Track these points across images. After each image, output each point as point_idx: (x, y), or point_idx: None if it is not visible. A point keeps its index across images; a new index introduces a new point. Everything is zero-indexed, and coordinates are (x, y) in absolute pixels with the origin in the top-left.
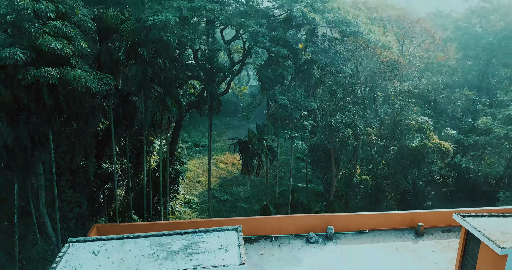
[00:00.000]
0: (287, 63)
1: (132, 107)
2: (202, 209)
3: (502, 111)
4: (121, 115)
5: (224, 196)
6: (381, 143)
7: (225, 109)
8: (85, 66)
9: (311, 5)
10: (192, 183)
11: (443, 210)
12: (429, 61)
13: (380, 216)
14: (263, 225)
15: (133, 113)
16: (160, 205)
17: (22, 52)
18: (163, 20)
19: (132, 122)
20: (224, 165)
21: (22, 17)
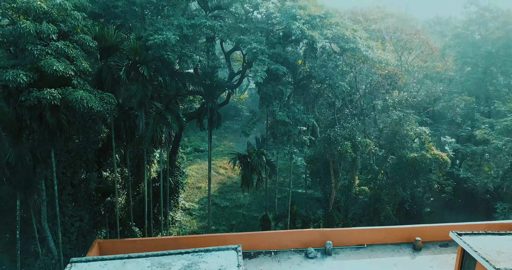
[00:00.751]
0: (286, 79)
1: (132, 121)
2: (202, 216)
3: (500, 121)
4: (122, 128)
5: (223, 203)
6: (380, 153)
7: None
8: (86, 85)
9: (310, 22)
10: (192, 190)
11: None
12: (427, 71)
13: (378, 230)
14: (263, 240)
15: (133, 127)
16: (160, 215)
17: (25, 74)
18: (164, 40)
19: (132, 135)
20: (223, 171)
21: (25, 39)
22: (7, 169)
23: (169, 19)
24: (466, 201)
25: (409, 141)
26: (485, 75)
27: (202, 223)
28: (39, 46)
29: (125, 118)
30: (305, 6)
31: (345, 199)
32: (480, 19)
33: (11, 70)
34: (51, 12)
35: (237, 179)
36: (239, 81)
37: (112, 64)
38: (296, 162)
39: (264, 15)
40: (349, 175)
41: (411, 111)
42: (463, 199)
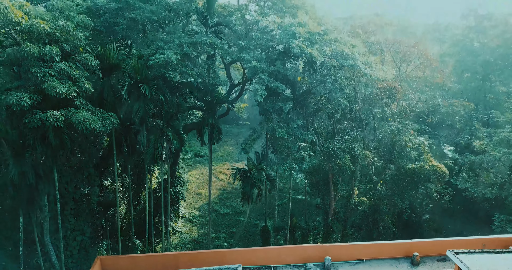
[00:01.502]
0: (285, 95)
1: (134, 136)
2: (202, 223)
3: (498, 132)
4: (123, 143)
5: (224, 210)
6: (379, 164)
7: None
8: (88, 105)
9: (309, 39)
10: (192, 196)
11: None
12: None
13: (376, 245)
14: (262, 256)
15: (134, 141)
16: (161, 225)
17: (29, 97)
18: (165, 59)
19: (133, 149)
20: (224, 176)
21: (28, 61)
22: (10, 186)
23: (170, 36)
24: (464, 208)
25: (407, 151)
26: (484, 83)
27: (202, 230)
28: (43, 68)
29: (126, 133)
30: (305, 23)
31: (344, 210)
32: (479, 27)
33: (15, 92)
34: (54, 32)
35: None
36: (239, 94)
37: (114, 82)
38: (296, 179)
39: (263, 32)
40: (348, 186)
41: (409, 122)
42: (461, 205)
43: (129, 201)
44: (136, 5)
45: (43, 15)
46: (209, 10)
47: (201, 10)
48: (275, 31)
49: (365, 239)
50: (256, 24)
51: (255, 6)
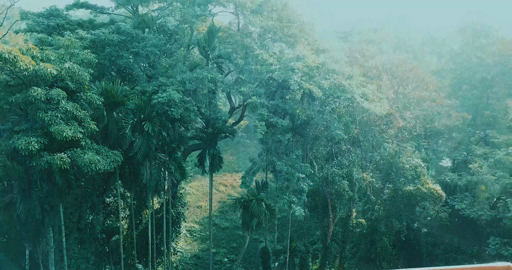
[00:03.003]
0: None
1: (136, 165)
2: (202, 237)
3: (494, 153)
4: (127, 173)
5: (224, 223)
6: (376, 185)
7: None
8: (93, 144)
9: (307, 73)
10: (192, 209)
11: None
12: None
13: None
14: None
15: (137, 171)
16: (163, 245)
17: (36, 141)
18: (168, 99)
19: (136, 178)
20: (224, 188)
21: (36, 105)
22: (17, 222)
23: (172, 70)
24: (462, 221)
25: (404, 173)
26: (480, 100)
27: (203, 245)
28: (49, 111)
29: (129, 163)
30: (303, 56)
31: (343, 231)
32: (476, 43)
33: (23, 136)
34: (61, 73)
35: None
36: (239, 119)
37: (117, 117)
38: (295, 212)
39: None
40: (347, 208)
41: (406, 145)
42: (459, 218)
43: (131, 220)
44: (139, 37)
45: (49, 55)
46: (210, 43)
47: (202, 44)
48: (275, 65)
49: (363, 259)
50: (256, 57)
51: (257, 29)
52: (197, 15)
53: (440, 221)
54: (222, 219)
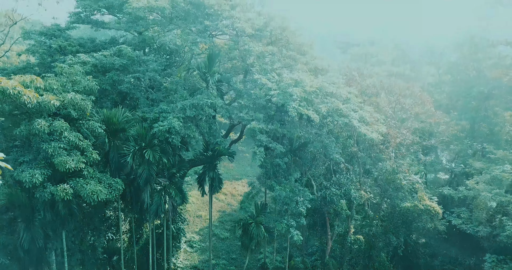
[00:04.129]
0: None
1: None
2: (202, 248)
3: (490, 169)
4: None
5: (223, 234)
6: (374, 201)
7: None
8: (95, 172)
9: (305, 99)
10: (192, 218)
11: None
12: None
13: None
14: None
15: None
16: (163, 260)
17: (40, 173)
18: (168, 127)
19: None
20: (223, 197)
21: (39, 137)
22: (20, 249)
23: (173, 96)
24: (459, 232)
25: (402, 189)
26: (478, 113)
27: (203, 256)
28: (53, 142)
29: (130, 185)
30: (301, 80)
31: (341, 247)
32: (474, 57)
33: (27, 168)
34: (64, 103)
35: (237, 207)
36: (239, 136)
37: (119, 142)
38: (293, 237)
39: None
40: (345, 224)
41: (404, 162)
42: (456, 229)
43: (131, 234)
44: (140, 60)
45: (52, 84)
46: (210, 68)
47: (202, 70)
48: (274, 90)
49: None
50: (255, 82)
51: None
52: (197, 42)
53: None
54: (221, 230)
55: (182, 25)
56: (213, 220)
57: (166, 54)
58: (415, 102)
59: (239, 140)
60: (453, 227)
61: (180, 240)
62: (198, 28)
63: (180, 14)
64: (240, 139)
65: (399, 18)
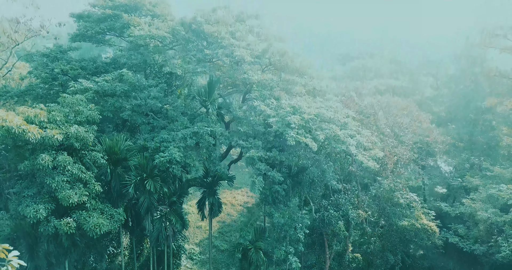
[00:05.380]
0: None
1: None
2: (202, 261)
3: (487, 187)
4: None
5: (223, 245)
6: (372, 218)
7: None
8: (98, 203)
9: (303, 126)
10: (192, 229)
11: None
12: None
13: None
14: None
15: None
16: None
17: (44, 208)
18: (169, 158)
19: (139, 223)
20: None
21: (43, 172)
22: None
23: (173, 124)
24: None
25: (399, 207)
26: (475, 127)
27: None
28: (56, 176)
29: (131, 209)
30: (299, 107)
31: (339, 265)
32: (472, 70)
33: (31, 203)
34: (67, 137)
35: (237, 217)
36: (239, 156)
37: (120, 170)
38: (292, 264)
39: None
40: (343, 243)
41: (401, 180)
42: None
43: (131, 250)
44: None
45: (55, 116)
46: (210, 95)
47: (203, 97)
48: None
49: None
50: (254, 108)
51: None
52: (197, 72)
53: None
54: (221, 241)
55: (182, 53)
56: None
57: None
58: (413, 120)
59: (239, 160)
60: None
61: (180, 257)
62: (198, 57)
63: (180, 41)
64: (240, 159)
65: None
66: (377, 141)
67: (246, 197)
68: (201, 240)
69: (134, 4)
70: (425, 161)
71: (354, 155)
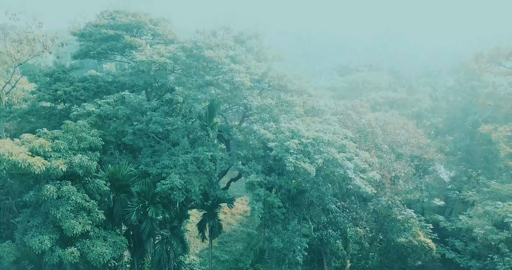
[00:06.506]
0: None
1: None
2: None
3: (483, 203)
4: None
5: (223, 256)
6: (370, 234)
7: None
8: (101, 230)
9: (302, 151)
10: (193, 239)
11: None
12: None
13: None
14: None
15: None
16: None
17: (49, 238)
18: (171, 186)
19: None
20: (223, 216)
21: (48, 203)
22: None
23: (174, 148)
24: None
25: (397, 224)
26: (472, 141)
27: None
28: (61, 207)
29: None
30: (298, 130)
31: None
32: (469, 83)
33: (36, 233)
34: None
35: (236, 226)
36: (237, 177)
37: (122, 196)
38: None
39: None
40: (341, 260)
41: (399, 198)
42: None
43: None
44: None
45: (59, 144)
46: (210, 119)
47: (203, 121)
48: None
49: None
50: (254, 132)
51: None
52: (198, 99)
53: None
54: (221, 251)
55: (183, 78)
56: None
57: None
58: (410, 137)
59: (239, 178)
60: None
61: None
62: (199, 83)
63: (182, 67)
64: (240, 177)
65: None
66: (375, 162)
67: (245, 206)
68: (201, 250)
69: (136, 24)
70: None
71: (352, 180)
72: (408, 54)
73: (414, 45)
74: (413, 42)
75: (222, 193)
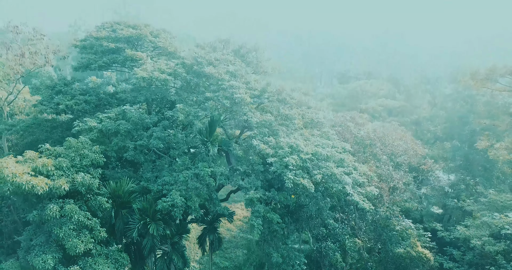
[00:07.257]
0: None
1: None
2: None
3: (481, 213)
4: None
5: (223, 262)
6: (369, 245)
7: None
8: (103, 247)
9: (301, 166)
10: (193, 245)
11: None
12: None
13: None
14: None
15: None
16: None
17: (52, 258)
18: (171, 203)
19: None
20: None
21: (51, 222)
22: None
23: (175, 164)
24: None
25: (396, 235)
26: (470, 150)
27: None
28: (64, 226)
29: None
30: (297, 146)
31: None
32: (467, 92)
33: (39, 252)
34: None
35: (236, 233)
36: (237, 188)
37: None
38: None
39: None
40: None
41: (397, 208)
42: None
43: None
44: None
45: (61, 163)
46: (211, 134)
47: (204, 137)
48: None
49: None
50: (254, 148)
51: None
52: (198, 116)
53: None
54: (221, 258)
55: (184, 94)
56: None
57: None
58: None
59: (239, 190)
60: None
61: None
62: (199, 99)
63: (182, 83)
64: (239, 189)
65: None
66: (373, 176)
67: (245, 211)
68: (201, 257)
69: (137, 36)
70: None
71: (350, 195)
72: (408, 54)
73: (414, 45)
74: (413, 42)
75: (222, 209)
